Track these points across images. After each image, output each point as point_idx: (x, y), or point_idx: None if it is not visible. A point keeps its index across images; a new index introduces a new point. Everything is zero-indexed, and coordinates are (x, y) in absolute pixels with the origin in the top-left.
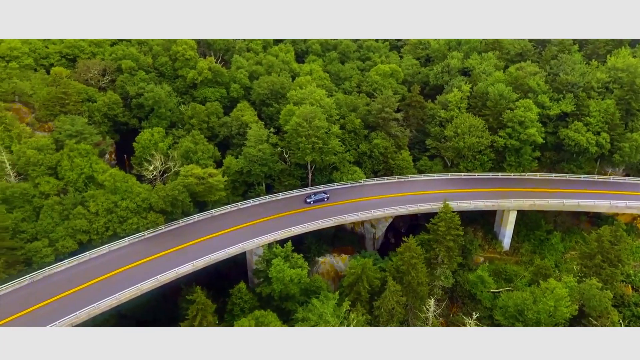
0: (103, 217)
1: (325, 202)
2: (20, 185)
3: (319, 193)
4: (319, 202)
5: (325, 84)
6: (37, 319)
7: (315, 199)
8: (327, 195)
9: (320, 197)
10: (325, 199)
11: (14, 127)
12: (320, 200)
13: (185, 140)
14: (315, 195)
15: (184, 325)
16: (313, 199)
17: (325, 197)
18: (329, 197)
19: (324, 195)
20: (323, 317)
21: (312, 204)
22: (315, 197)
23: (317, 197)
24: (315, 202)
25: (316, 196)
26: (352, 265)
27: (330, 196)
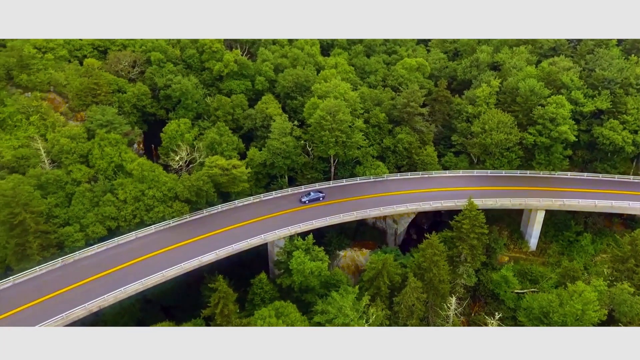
0: (131, 205)
1: (321, 201)
2: (54, 172)
3: (315, 192)
4: (314, 202)
5: (350, 78)
6: (68, 300)
7: (310, 198)
8: (323, 194)
9: (316, 196)
10: (321, 198)
11: (49, 116)
12: (315, 200)
13: (211, 131)
14: (310, 194)
15: (206, 312)
16: (308, 199)
17: (320, 197)
18: (325, 196)
19: (319, 195)
20: (342, 311)
21: (307, 204)
22: (310, 197)
23: (312, 197)
24: (311, 201)
25: (311, 195)
26: (372, 260)
27: (353, 190)
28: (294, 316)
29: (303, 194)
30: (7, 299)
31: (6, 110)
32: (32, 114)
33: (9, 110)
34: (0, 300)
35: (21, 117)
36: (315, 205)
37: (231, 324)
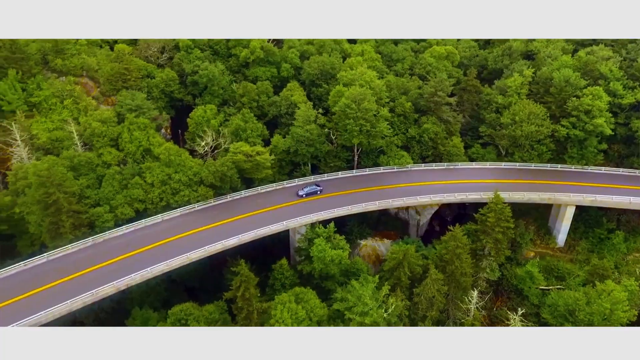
0: (158, 188)
1: (319, 195)
2: (86, 155)
3: (311, 185)
4: (310, 195)
5: (377, 66)
6: (97, 278)
7: (307, 191)
8: (321, 187)
9: (313, 189)
10: (318, 192)
11: (81, 100)
12: (312, 193)
13: (236, 118)
14: (307, 187)
15: (227, 295)
16: (305, 192)
17: (318, 190)
18: (322, 189)
19: (316, 188)
20: (361, 299)
21: (304, 197)
22: (307, 190)
23: (309, 190)
24: (307, 195)
25: (308, 189)
26: (394, 250)
27: (375, 180)
28: (314, 302)
29: (300, 187)
30: (42, 275)
31: (42, 94)
32: (66, 98)
33: (45, 94)
34: (35, 275)
35: (56, 101)
36: (337, 193)
37: (252, 307)
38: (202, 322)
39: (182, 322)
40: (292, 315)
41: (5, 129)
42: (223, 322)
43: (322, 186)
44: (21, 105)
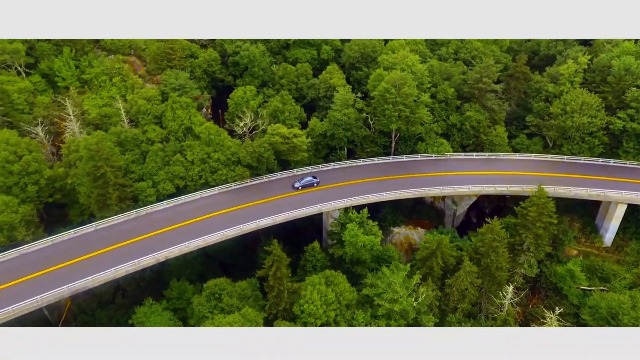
0: (197, 166)
1: (315, 187)
2: (131, 131)
3: (308, 177)
4: (307, 187)
5: (420, 49)
6: (139, 249)
7: (303, 184)
8: (317, 180)
9: (309, 182)
10: (315, 184)
11: (129, 78)
12: (309, 185)
13: (275, 99)
14: (303, 179)
15: (260, 273)
16: (300, 184)
17: (314, 182)
18: (319, 181)
19: (313, 180)
20: (392, 287)
21: (300, 189)
22: (302, 182)
23: (305, 182)
24: (304, 187)
25: (303, 181)
26: (427, 239)
27: (412, 167)
28: (343, 286)
29: (296, 179)
30: (89, 243)
31: (93, 72)
32: (114, 76)
33: (96, 71)
34: (83, 243)
35: (105, 78)
36: (372, 179)
37: (283, 286)
38: (235, 297)
39: (216, 296)
40: (322, 297)
41: (60, 104)
42: (255, 299)
43: (319, 178)
44: (74, 81)
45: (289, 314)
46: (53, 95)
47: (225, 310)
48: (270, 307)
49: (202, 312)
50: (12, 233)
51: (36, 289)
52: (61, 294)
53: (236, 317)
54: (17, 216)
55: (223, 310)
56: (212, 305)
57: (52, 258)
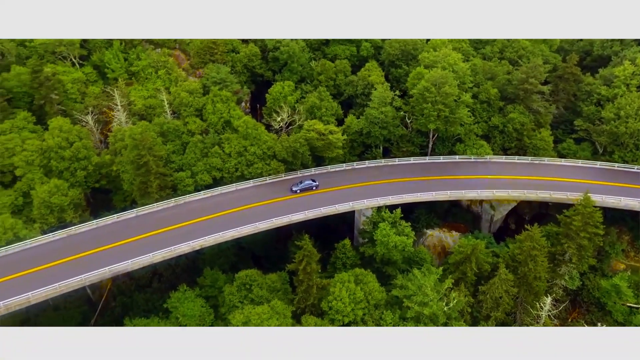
0: (234, 159)
1: (315, 190)
2: (174, 122)
3: (307, 180)
4: (305, 191)
5: (463, 47)
6: (175, 236)
7: (302, 187)
8: (317, 183)
9: (308, 185)
10: (313, 187)
11: (173, 72)
12: (307, 189)
13: (312, 95)
14: (302, 183)
15: (290, 267)
16: (299, 188)
17: (313, 186)
18: (318, 185)
19: (312, 184)
20: (422, 289)
21: (299, 192)
22: (301, 186)
23: (304, 186)
24: (302, 190)
25: (302, 184)
26: (462, 243)
27: (449, 168)
28: (373, 285)
29: (294, 183)
30: (130, 228)
31: (140, 64)
32: (160, 69)
33: (143, 64)
34: (124, 227)
35: (151, 71)
36: (407, 179)
37: (312, 281)
38: (265, 289)
39: (247, 286)
40: (350, 295)
41: (109, 94)
42: (284, 292)
43: (318, 181)
44: (123, 73)
45: (317, 310)
46: (103, 86)
47: (255, 301)
48: (298, 301)
49: (232, 302)
50: (62, 215)
51: (81, 268)
52: (103, 275)
53: (265, 308)
54: (67, 199)
55: (253, 301)
56: (242, 295)
57: (96, 240)
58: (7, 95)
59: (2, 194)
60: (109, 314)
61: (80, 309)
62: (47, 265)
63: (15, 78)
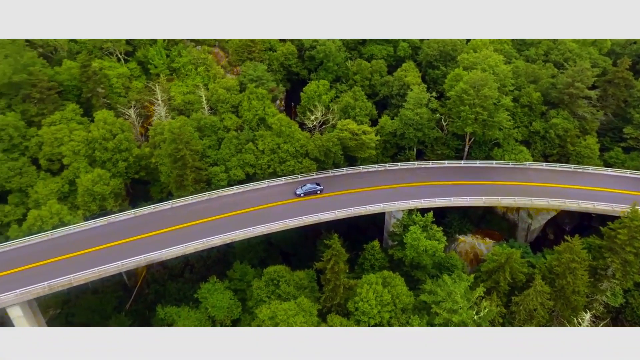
0: (267, 156)
1: (319, 194)
2: (210, 118)
3: (311, 183)
4: (309, 194)
5: (505, 49)
6: (208, 229)
7: (305, 190)
8: (321, 187)
9: (312, 189)
10: (318, 191)
11: (212, 69)
12: (312, 192)
13: (347, 95)
14: (305, 186)
15: (318, 265)
16: (303, 191)
17: (318, 190)
18: (322, 189)
19: (316, 187)
20: (452, 296)
21: (302, 196)
22: (305, 189)
23: (308, 189)
24: (306, 194)
25: (305, 187)
26: (496, 251)
27: (486, 173)
28: (401, 289)
29: (298, 186)
30: (166, 219)
31: (181, 61)
32: (199, 65)
33: (183, 60)
34: (160, 218)
35: (191, 68)
36: (441, 182)
37: (339, 281)
38: (292, 285)
39: (275, 282)
40: (377, 297)
41: (151, 89)
42: (310, 290)
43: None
44: (164, 69)
45: (343, 310)
46: (145, 81)
47: (282, 297)
48: (325, 300)
49: (260, 296)
50: (103, 203)
51: (118, 255)
52: (138, 262)
53: (292, 305)
54: (108, 188)
55: (280, 297)
56: (270, 290)
57: (133, 229)
58: (58, 88)
59: (50, 181)
60: (142, 300)
61: (117, 294)
62: (88, 250)
63: (66, 72)
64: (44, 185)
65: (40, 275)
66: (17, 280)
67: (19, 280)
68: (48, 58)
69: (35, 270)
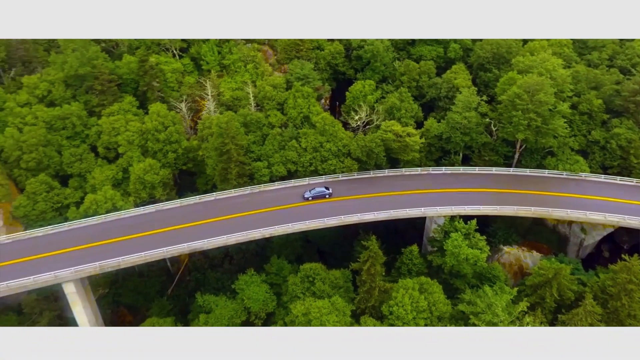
0: (309, 154)
1: (327, 198)
2: (256, 114)
3: (320, 187)
4: (317, 198)
5: (565, 52)
6: (248, 223)
7: (314, 194)
8: (330, 191)
9: (321, 192)
10: (327, 195)
11: (260, 66)
12: (320, 196)
13: (392, 96)
14: (314, 189)
15: (354, 266)
16: (311, 195)
17: (326, 194)
18: (331, 193)
19: (325, 192)
20: (492, 308)
21: (311, 199)
22: (313, 192)
23: (316, 193)
24: (314, 197)
25: (314, 191)
26: (543, 265)
27: (536, 183)
28: (438, 297)
29: (306, 189)
30: (209, 210)
31: (232, 58)
32: (249, 63)
33: (234, 57)
34: (204, 209)
35: (241, 65)
36: (487, 190)
37: (375, 283)
38: (327, 284)
39: (310, 279)
40: (413, 302)
41: (202, 84)
42: (345, 290)
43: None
44: (215, 66)
45: (377, 313)
46: (197, 77)
47: (317, 294)
48: (359, 302)
49: (295, 292)
50: (152, 191)
51: (164, 241)
52: (182, 250)
53: (326, 303)
54: (158, 177)
55: (314, 294)
56: (305, 287)
57: (179, 217)
58: (117, 81)
59: (106, 167)
60: (183, 287)
61: (160, 279)
62: (136, 235)
63: (126, 66)
64: (100, 172)
65: (92, 256)
66: (73, 258)
67: (74, 258)
68: (110, 52)
69: (88, 250)
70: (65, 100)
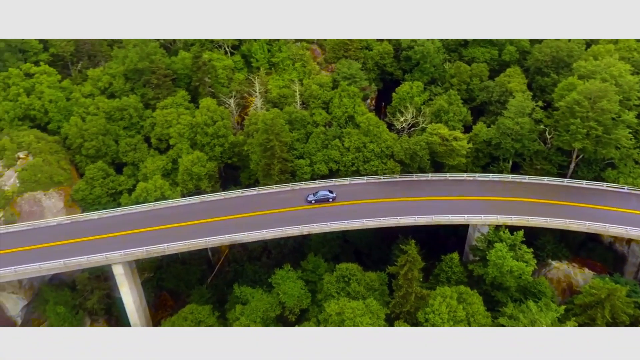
0: (352, 154)
1: (331, 202)
2: (301, 112)
3: (323, 190)
4: (321, 202)
5: (634, 57)
6: (287, 219)
7: (318, 197)
8: (334, 195)
9: (325, 196)
10: (330, 199)
11: (308, 65)
12: (324, 200)
13: (441, 98)
14: (318, 193)
15: (391, 269)
16: (315, 198)
17: (330, 197)
18: (335, 197)
19: (329, 195)
20: (535, 325)
21: (314, 203)
22: (317, 196)
23: (320, 197)
24: (317, 201)
25: (318, 194)
26: (595, 284)
27: (592, 196)
28: (477, 308)
29: (310, 192)
30: (251, 203)
31: (281, 56)
32: (297, 61)
33: (283, 55)
34: (246, 202)
35: (289, 63)
36: (537, 200)
37: (412, 288)
38: (362, 285)
39: (345, 279)
40: (450, 312)
41: (251, 81)
42: (380, 293)
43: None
44: (264, 63)
45: (412, 319)
46: (247, 74)
47: (351, 295)
48: (394, 306)
49: (330, 291)
50: (198, 183)
51: (206, 231)
52: (222, 241)
53: (360, 304)
54: (204, 170)
55: (349, 295)
56: (340, 286)
57: (222, 209)
58: (172, 76)
59: (157, 158)
60: (222, 277)
61: (201, 267)
62: (181, 224)
63: (181, 62)
64: (152, 162)
65: (140, 241)
66: (123, 242)
67: (124, 242)
68: (167, 48)
69: (137, 235)
70: (124, 92)
